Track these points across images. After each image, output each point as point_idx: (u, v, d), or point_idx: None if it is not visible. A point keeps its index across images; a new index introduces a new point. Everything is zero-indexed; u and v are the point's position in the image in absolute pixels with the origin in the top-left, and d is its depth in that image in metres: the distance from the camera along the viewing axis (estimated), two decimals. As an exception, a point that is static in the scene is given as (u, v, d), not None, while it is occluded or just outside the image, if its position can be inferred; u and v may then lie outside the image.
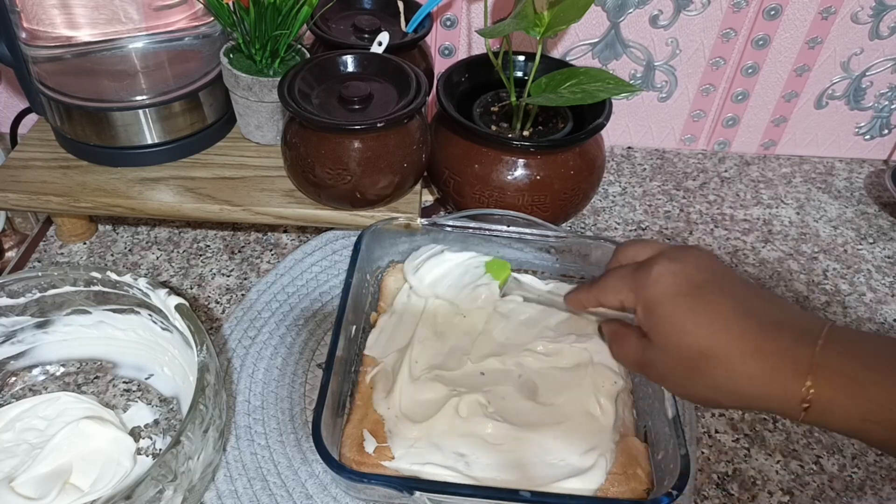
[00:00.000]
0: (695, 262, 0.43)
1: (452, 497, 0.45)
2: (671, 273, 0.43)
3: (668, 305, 0.42)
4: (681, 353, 0.41)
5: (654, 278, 0.43)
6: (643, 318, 0.44)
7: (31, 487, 0.49)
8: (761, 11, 0.79)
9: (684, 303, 0.42)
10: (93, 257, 0.72)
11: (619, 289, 0.46)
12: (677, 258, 0.43)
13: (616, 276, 0.46)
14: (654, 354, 0.44)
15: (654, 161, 0.89)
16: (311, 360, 0.60)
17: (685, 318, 0.41)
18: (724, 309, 0.41)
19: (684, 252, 0.44)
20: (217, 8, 0.64)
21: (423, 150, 0.67)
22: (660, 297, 0.42)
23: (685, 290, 0.42)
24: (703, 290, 0.42)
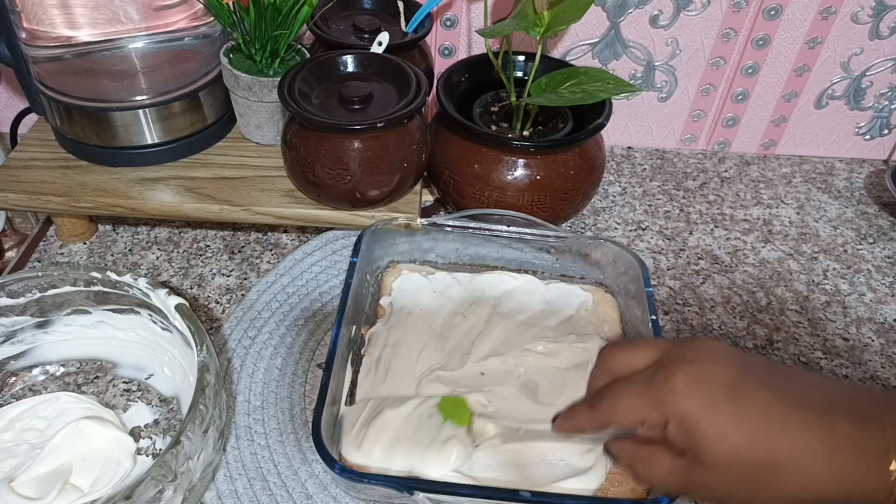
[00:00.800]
0: (714, 360, 0.39)
1: (452, 497, 0.45)
2: (696, 381, 0.39)
3: (707, 418, 0.38)
4: (740, 469, 0.37)
5: (681, 391, 0.39)
6: (678, 435, 0.39)
7: (31, 487, 0.49)
8: (761, 11, 0.79)
9: (726, 410, 0.37)
10: (93, 257, 0.72)
11: (636, 408, 0.41)
12: (693, 360, 0.40)
13: (627, 392, 0.42)
14: (706, 476, 0.39)
15: (654, 161, 0.89)
16: (311, 360, 0.60)
17: (734, 428, 0.37)
18: (771, 407, 0.37)
19: (694, 350, 0.40)
20: (217, 8, 0.64)
21: (423, 150, 0.67)
22: (696, 410, 0.38)
23: (721, 396, 0.38)
24: (740, 389, 0.38)
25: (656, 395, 0.40)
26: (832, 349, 0.67)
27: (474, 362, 0.55)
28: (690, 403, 0.38)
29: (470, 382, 0.54)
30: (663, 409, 0.40)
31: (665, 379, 0.40)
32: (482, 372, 0.55)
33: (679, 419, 0.39)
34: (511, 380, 0.54)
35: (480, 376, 0.54)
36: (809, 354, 0.66)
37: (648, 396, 0.41)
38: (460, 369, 0.54)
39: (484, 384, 0.53)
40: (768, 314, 0.70)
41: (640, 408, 0.41)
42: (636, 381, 0.42)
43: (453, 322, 0.58)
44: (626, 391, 0.42)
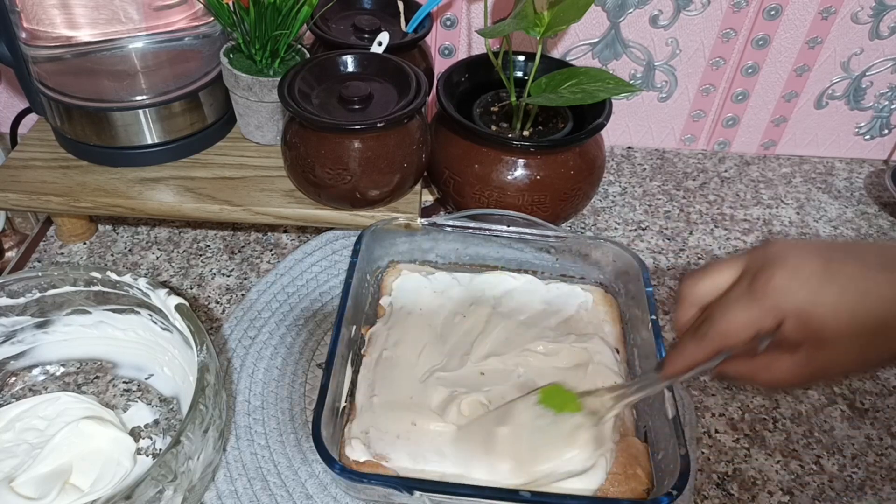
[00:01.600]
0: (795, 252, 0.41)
1: (452, 497, 0.45)
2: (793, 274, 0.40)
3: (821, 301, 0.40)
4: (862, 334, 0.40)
5: (786, 289, 0.40)
6: (797, 329, 0.41)
7: (31, 487, 0.49)
8: (761, 11, 0.79)
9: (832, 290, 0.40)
10: (93, 257, 0.72)
11: (749, 321, 0.42)
12: (779, 259, 0.41)
13: (733, 311, 0.42)
14: (831, 354, 0.41)
15: (654, 161, 0.89)
16: (311, 360, 0.60)
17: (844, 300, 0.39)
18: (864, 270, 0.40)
19: (773, 251, 0.42)
20: (217, 8, 0.64)
21: (423, 150, 0.67)
22: (806, 299, 0.40)
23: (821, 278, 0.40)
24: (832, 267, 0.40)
25: (764, 303, 0.41)
26: (832, 349, 0.67)
27: (474, 362, 0.55)
28: (800, 296, 0.40)
29: (470, 382, 0.54)
30: (776, 312, 0.41)
31: (766, 284, 0.41)
32: (482, 372, 0.55)
33: (795, 315, 0.40)
34: (511, 380, 0.54)
35: (480, 376, 0.54)
36: (809, 354, 0.66)
37: (757, 307, 0.41)
38: (460, 369, 0.54)
39: (484, 384, 0.53)
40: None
41: (753, 321, 0.42)
42: (737, 299, 0.42)
43: (453, 322, 0.58)
44: (732, 311, 0.42)
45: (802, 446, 0.59)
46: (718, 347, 0.43)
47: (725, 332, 0.43)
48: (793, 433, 0.60)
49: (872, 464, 0.58)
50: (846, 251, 0.41)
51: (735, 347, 0.43)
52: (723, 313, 0.43)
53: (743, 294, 0.42)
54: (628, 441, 0.51)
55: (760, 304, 0.41)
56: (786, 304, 0.41)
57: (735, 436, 0.59)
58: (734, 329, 0.42)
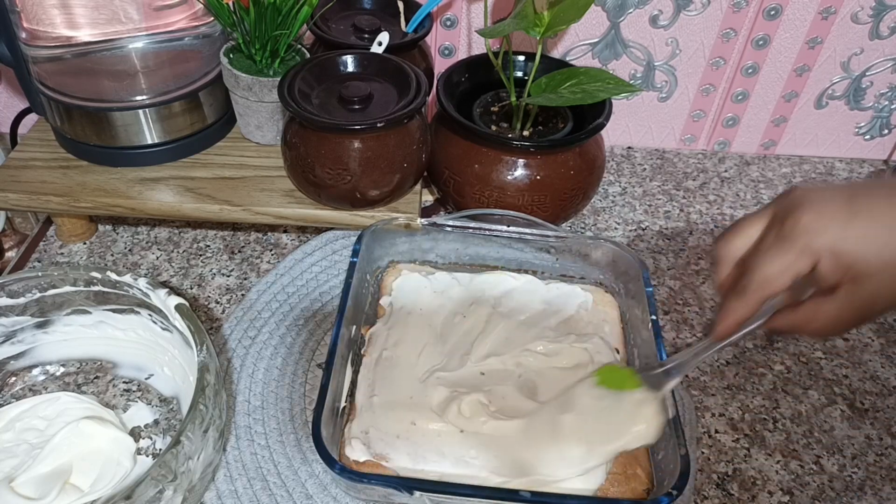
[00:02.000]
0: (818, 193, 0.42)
1: (452, 497, 0.45)
2: (820, 214, 0.41)
3: (850, 236, 0.40)
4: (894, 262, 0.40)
5: (815, 228, 0.41)
6: (832, 267, 0.41)
7: (31, 487, 0.49)
8: (761, 11, 0.79)
9: (859, 223, 0.40)
10: (93, 257, 0.72)
11: (784, 266, 0.42)
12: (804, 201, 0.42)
13: (768, 259, 0.43)
14: (870, 288, 0.41)
15: (654, 161, 0.89)
16: (311, 360, 0.60)
17: (873, 232, 0.40)
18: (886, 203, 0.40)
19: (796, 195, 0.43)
20: (217, 8, 0.64)
21: (423, 150, 0.67)
22: (836, 236, 0.41)
23: (848, 214, 0.41)
24: (857, 202, 0.41)
25: (796, 246, 0.42)
26: (832, 349, 0.67)
27: (474, 362, 0.55)
28: (829, 233, 0.41)
29: (470, 382, 0.54)
30: (809, 252, 0.41)
31: (794, 227, 0.41)
32: (482, 372, 0.55)
33: (828, 253, 0.41)
34: (511, 380, 0.54)
35: (480, 376, 0.54)
36: (809, 354, 0.66)
37: (790, 251, 0.42)
38: (460, 369, 0.54)
39: (484, 384, 0.53)
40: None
41: (788, 265, 0.42)
42: (769, 247, 0.43)
43: (453, 322, 0.58)
44: (767, 259, 0.43)
45: (802, 446, 0.59)
46: (760, 297, 0.44)
47: (764, 281, 0.43)
48: (793, 433, 0.60)
49: (872, 464, 0.58)
50: (870, 187, 0.42)
51: (776, 295, 0.43)
52: (758, 263, 0.43)
53: (774, 241, 0.43)
54: (627, 440, 0.51)
55: (792, 247, 0.42)
56: (816, 243, 0.41)
57: (735, 436, 0.59)
58: (772, 276, 0.43)
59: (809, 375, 0.64)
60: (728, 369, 0.64)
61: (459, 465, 0.49)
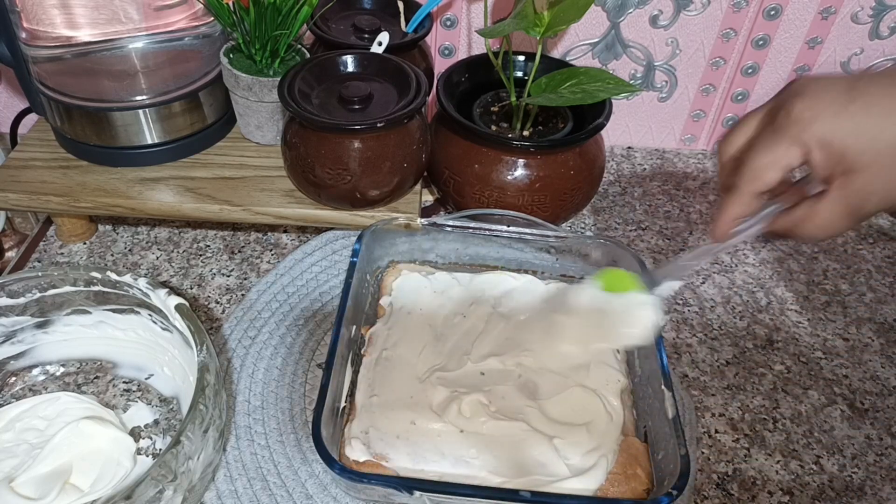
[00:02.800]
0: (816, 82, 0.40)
1: (452, 497, 0.45)
2: (814, 103, 0.39)
3: (842, 126, 0.39)
4: (886, 153, 0.38)
5: (808, 117, 0.40)
6: (824, 159, 0.40)
7: (31, 487, 0.49)
8: (761, 11, 0.79)
9: (852, 112, 0.39)
10: (93, 257, 0.72)
11: (775, 157, 0.41)
12: (799, 91, 0.40)
13: (760, 150, 0.42)
14: (861, 181, 0.40)
15: (654, 161, 0.89)
16: (311, 360, 0.60)
17: (866, 121, 0.39)
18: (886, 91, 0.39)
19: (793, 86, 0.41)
20: (217, 8, 0.64)
21: (423, 150, 0.67)
22: (827, 125, 0.39)
23: (842, 103, 0.39)
24: (854, 92, 0.39)
25: (787, 136, 0.40)
26: (832, 349, 0.67)
27: (474, 362, 0.55)
28: (821, 122, 0.39)
29: (470, 382, 0.54)
30: (800, 142, 0.40)
31: (787, 118, 0.40)
32: (482, 372, 0.55)
33: (818, 142, 0.39)
34: (511, 380, 0.54)
35: (480, 376, 0.54)
36: (809, 354, 0.66)
37: (779, 140, 0.41)
38: (460, 369, 0.54)
39: (484, 384, 0.53)
40: (768, 314, 0.70)
41: (777, 154, 0.41)
42: (761, 139, 0.42)
43: (453, 322, 0.58)
44: (758, 149, 0.42)
45: (802, 446, 0.59)
46: (752, 191, 0.42)
47: (754, 174, 0.42)
48: (793, 433, 0.60)
49: (872, 464, 0.58)
50: (872, 76, 0.40)
51: (768, 187, 0.42)
52: (749, 157, 0.42)
53: (766, 133, 0.41)
54: (628, 441, 0.51)
55: (782, 138, 0.41)
56: (807, 133, 0.40)
57: (735, 436, 0.59)
58: (761, 168, 0.42)
59: (809, 375, 0.64)
60: (728, 369, 0.64)
61: (459, 465, 0.49)
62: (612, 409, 0.52)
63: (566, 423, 0.51)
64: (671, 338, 0.67)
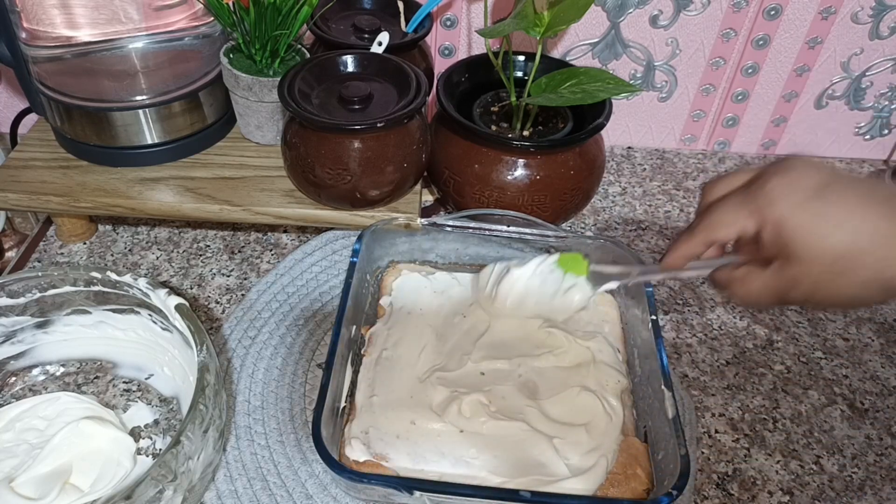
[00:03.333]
0: (806, 169, 0.42)
1: (452, 497, 0.45)
2: (788, 185, 0.41)
3: (798, 215, 0.40)
4: (824, 258, 0.40)
5: (776, 194, 0.41)
6: (772, 238, 0.42)
7: (31, 487, 0.49)
8: (761, 11, 0.79)
9: (814, 208, 0.40)
10: (93, 257, 0.72)
11: (736, 219, 0.43)
12: (788, 169, 0.42)
13: (727, 208, 0.44)
14: (796, 271, 0.41)
15: (654, 161, 0.89)
16: (311, 360, 0.60)
17: (820, 221, 0.40)
18: (855, 202, 0.40)
19: (788, 162, 0.42)
20: (217, 8, 0.64)
21: (423, 150, 0.67)
22: (788, 209, 0.41)
23: (810, 195, 0.40)
24: (827, 190, 0.40)
25: (751, 203, 0.42)
26: (832, 349, 0.67)
27: (474, 362, 0.55)
28: (783, 204, 0.41)
29: (470, 382, 0.54)
30: (759, 215, 0.42)
31: (760, 187, 0.42)
32: (482, 372, 0.55)
33: (773, 221, 0.41)
34: (511, 380, 0.54)
35: (480, 376, 0.54)
36: (809, 354, 0.66)
37: (744, 205, 0.42)
38: (460, 369, 0.54)
39: (484, 384, 0.53)
40: (768, 314, 0.70)
41: (737, 217, 0.43)
42: (734, 195, 0.44)
43: (453, 322, 0.58)
44: (724, 205, 0.44)
45: (802, 446, 0.59)
46: (704, 238, 0.45)
47: (710, 224, 0.44)
48: (793, 433, 0.60)
49: (872, 464, 0.58)
50: (852, 181, 0.41)
51: (718, 240, 0.45)
52: (715, 207, 0.44)
53: (739, 193, 0.43)
54: (628, 441, 0.51)
55: (745, 204, 0.42)
56: (768, 210, 0.41)
57: (735, 436, 0.59)
58: (718, 223, 0.44)
59: (809, 375, 0.64)
60: (728, 369, 0.64)
61: (459, 465, 0.49)
62: (611, 409, 0.52)
63: (566, 423, 0.51)
64: (671, 338, 0.67)
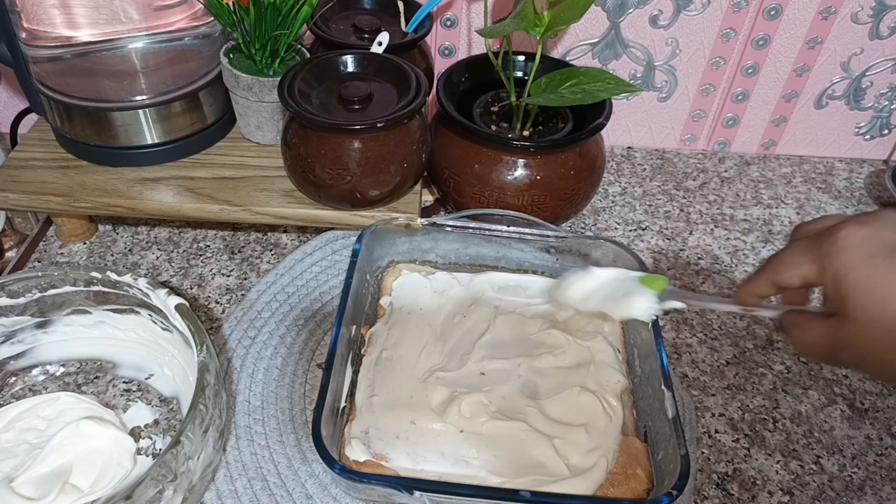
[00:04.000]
0: (885, 223, 0.39)
1: (452, 497, 0.45)
2: (861, 236, 0.39)
3: (862, 270, 0.38)
4: (882, 324, 0.37)
5: (842, 244, 0.39)
6: (833, 290, 0.39)
7: (31, 487, 0.49)
8: (761, 11, 0.79)
9: (881, 266, 0.37)
10: (93, 257, 0.72)
11: (800, 263, 0.41)
12: (865, 221, 0.39)
13: (794, 249, 0.42)
14: (850, 332, 0.39)
15: (654, 161, 0.89)
16: (311, 360, 0.60)
17: (883, 283, 0.37)
18: None
19: (873, 215, 0.40)
20: (217, 8, 0.64)
21: (423, 150, 0.67)
22: (851, 262, 0.38)
23: (881, 251, 0.38)
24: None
25: (818, 249, 0.40)
26: (832, 349, 0.67)
27: (474, 362, 0.55)
28: (848, 256, 0.39)
29: (470, 382, 0.54)
30: (822, 263, 0.40)
31: (831, 234, 0.40)
32: (482, 372, 0.55)
33: (833, 271, 0.39)
34: (511, 380, 0.54)
35: (481, 376, 0.54)
36: (809, 354, 0.66)
37: (810, 250, 0.41)
38: (460, 369, 0.55)
39: (484, 384, 0.53)
40: (768, 314, 0.70)
41: (802, 262, 0.41)
42: (805, 240, 0.42)
43: (453, 322, 0.58)
44: (794, 246, 0.42)
45: (802, 446, 0.59)
46: (769, 279, 0.43)
47: (775, 265, 0.42)
48: (793, 433, 0.60)
49: (872, 464, 0.58)
50: None
51: (785, 286, 0.43)
52: (785, 248, 0.43)
53: (811, 238, 0.41)
54: (628, 441, 0.51)
55: (812, 250, 0.40)
56: (831, 259, 0.39)
57: (735, 436, 0.59)
58: (782, 264, 0.42)
59: (809, 375, 0.64)
60: (728, 369, 0.64)
61: (459, 465, 0.49)
62: (611, 409, 0.52)
63: (566, 424, 0.51)
64: (671, 338, 0.67)
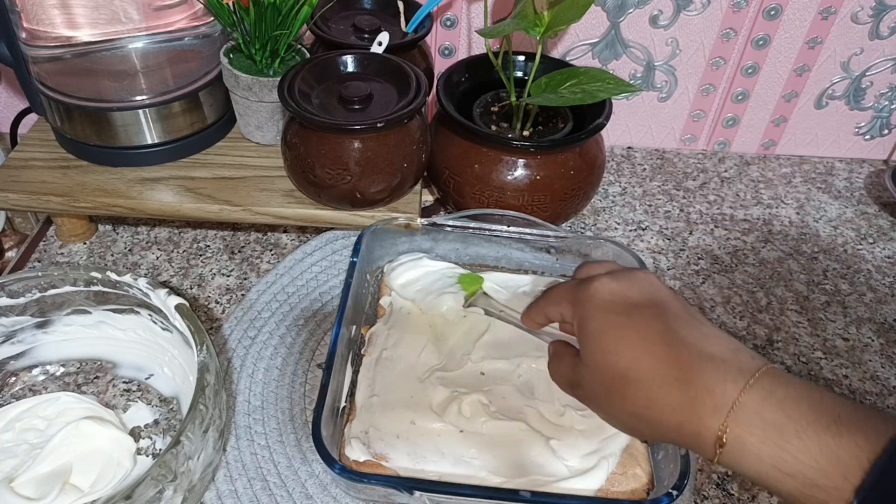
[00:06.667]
0: (637, 284, 0.43)
1: (452, 497, 0.45)
2: (608, 291, 0.42)
3: (597, 321, 0.42)
4: (604, 372, 0.41)
5: (591, 293, 0.43)
6: (578, 333, 0.43)
7: (31, 487, 0.49)
8: (761, 11, 0.79)
9: (614, 321, 0.41)
10: (93, 257, 0.72)
11: (560, 301, 0.45)
12: (620, 277, 0.43)
13: (560, 289, 0.46)
14: (582, 373, 0.43)
15: (654, 161, 0.89)
16: (311, 360, 0.61)
17: (611, 336, 0.41)
18: (652, 333, 0.40)
19: (630, 272, 0.44)
20: (217, 8, 0.64)
21: (423, 150, 0.67)
22: (592, 311, 0.42)
23: (619, 308, 0.41)
24: (637, 311, 0.41)
25: (574, 293, 0.44)
26: (832, 349, 0.67)
27: (474, 362, 0.55)
28: (592, 306, 0.42)
29: (470, 382, 0.54)
30: (575, 306, 0.44)
31: (588, 283, 0.43)
32: (482, 372, 0.55)
33: (580, 316, 0.43)
34: (511, 380, 0.54)
35: (480, 376, 0.54)
36: (809, 354, 0.66)
37: (570, 292, 0.45)
38: (460, 369, 0.54)
39: (484, 384, 0.53)
40: (768, 314, 0.70)
41: (561, 302, 0.45)
42: (573, 281, 0.46)
43: (453, 322, 0.58)
44: (560, 288, 0.46)
45: (802, 446, 0.59)
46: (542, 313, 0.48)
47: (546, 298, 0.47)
48: (793, 433, 0.60)
49: (872, 464, 0.58)
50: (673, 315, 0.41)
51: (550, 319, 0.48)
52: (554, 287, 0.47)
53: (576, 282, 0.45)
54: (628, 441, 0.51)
55: (571, 292, 0.45)
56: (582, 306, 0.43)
57: (735, 436, 0.59)
58: (549, 299, 0.47)
59: (809, 375, 0.64)
60: (728, 369, 0.64)
61: (459, 465, 0.49)
62: None
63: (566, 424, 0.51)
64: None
